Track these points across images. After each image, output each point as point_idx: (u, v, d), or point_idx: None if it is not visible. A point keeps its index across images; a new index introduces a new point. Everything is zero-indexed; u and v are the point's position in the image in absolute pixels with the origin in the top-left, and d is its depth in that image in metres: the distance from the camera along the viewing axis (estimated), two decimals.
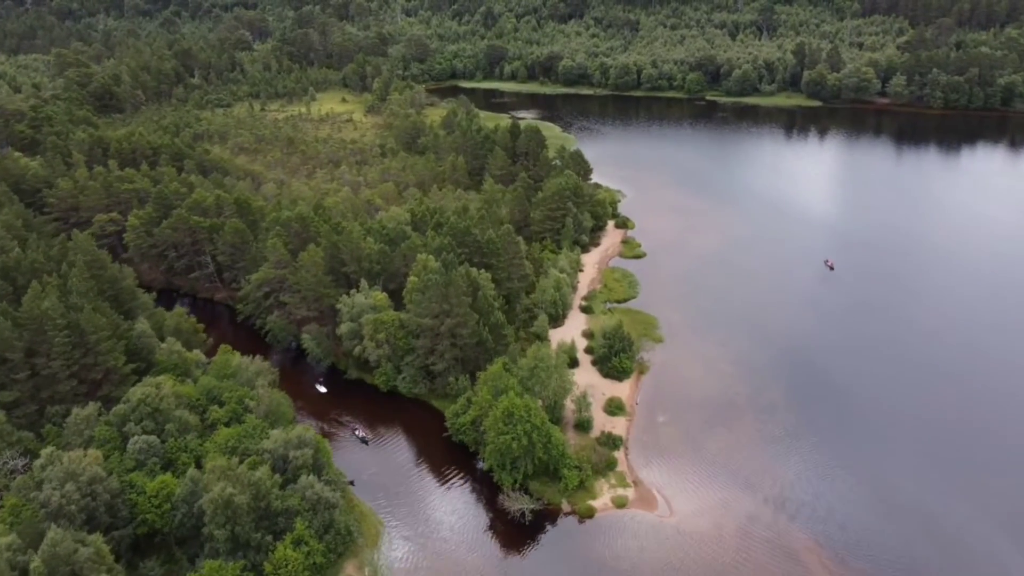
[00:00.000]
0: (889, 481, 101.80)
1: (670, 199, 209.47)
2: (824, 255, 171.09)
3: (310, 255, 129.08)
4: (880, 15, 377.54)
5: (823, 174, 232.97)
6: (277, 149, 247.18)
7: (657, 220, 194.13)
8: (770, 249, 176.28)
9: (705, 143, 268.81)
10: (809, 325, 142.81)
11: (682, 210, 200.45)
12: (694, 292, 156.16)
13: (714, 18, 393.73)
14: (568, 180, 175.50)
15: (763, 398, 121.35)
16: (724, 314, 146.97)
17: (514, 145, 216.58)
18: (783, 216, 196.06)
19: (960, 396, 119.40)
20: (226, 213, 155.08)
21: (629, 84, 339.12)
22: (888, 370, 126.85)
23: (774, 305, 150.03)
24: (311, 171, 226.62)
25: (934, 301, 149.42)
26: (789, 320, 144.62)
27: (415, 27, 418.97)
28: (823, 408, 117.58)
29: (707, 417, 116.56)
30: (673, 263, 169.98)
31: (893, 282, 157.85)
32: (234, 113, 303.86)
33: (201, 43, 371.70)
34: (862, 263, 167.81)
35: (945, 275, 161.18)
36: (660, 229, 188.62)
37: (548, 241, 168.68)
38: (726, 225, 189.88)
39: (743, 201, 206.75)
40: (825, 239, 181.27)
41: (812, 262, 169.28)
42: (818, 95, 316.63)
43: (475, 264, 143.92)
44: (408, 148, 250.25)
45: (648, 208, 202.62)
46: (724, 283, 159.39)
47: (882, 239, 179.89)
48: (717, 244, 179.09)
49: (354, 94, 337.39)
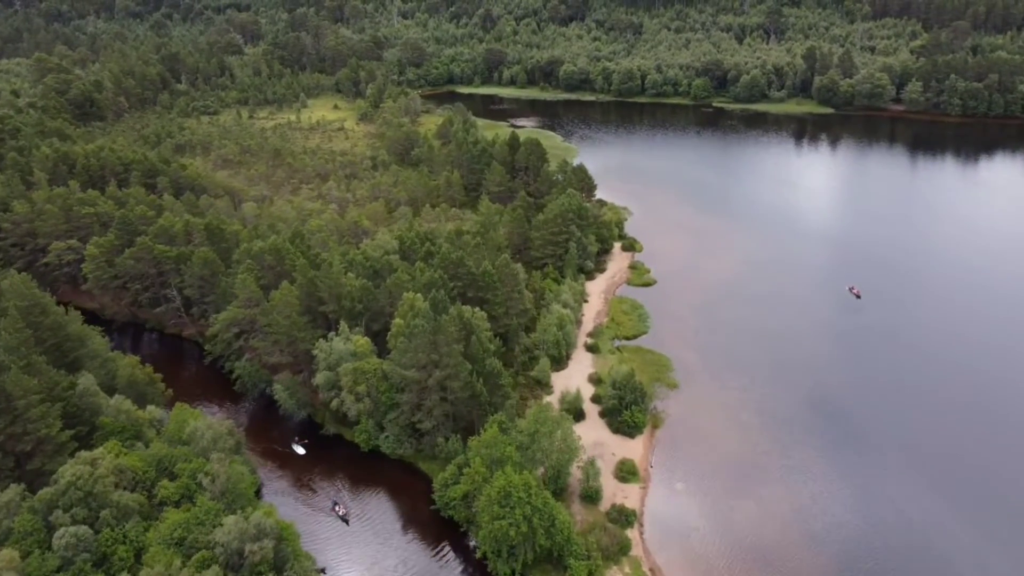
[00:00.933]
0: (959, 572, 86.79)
1: (679, 216, 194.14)
2: (846, 278, 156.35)
3: (283, 294, 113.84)
4: (892, 18, 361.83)
5: (839, 187, 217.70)
6: (262, 162, 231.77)
7: (667, 241, 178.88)
8: (789, 273, 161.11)
9: (714, 153, 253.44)
10: (839, 365, 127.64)
11: (693, 229, 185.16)
12: (709, 326, 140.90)
13: (720, 21, 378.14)
14: (571, 201, 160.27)
15: (793, 457, 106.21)
16: (743, 352, 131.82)
17: (513, 159, 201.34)
18: (800, 234, 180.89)
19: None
20: (196, 241, 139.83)
21: (633, 90, 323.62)
22: (933, 419, 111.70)
23: (797, 341, 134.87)
24: (297, 186, 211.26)
25: (971, 331, 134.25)
26: (816, 358, 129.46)
27: (411, 30, 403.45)
28: (861, 467, 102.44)
29: (731, 483, 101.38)
30: (685, 291, 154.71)
31: (925, 310, 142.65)
32: (221, 121, 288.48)
33: (189, 47, 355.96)
34: (887, 288, 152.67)
35: (978, 299, 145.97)
36: (670, 251, 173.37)
37: (550, 268, 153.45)
38: (740, 246, 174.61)
39: (756, 218, 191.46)
40: (846, 260, 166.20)
41: (835, 288, 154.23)
42: (830, 102, 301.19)
43: (469, 300, 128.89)
44: (401, 160, 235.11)
45: (656, 227, 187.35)
46: (741, 315, 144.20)
47: (906, 259, 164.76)
48: (732, 268, 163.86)
49: (347, 100, 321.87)
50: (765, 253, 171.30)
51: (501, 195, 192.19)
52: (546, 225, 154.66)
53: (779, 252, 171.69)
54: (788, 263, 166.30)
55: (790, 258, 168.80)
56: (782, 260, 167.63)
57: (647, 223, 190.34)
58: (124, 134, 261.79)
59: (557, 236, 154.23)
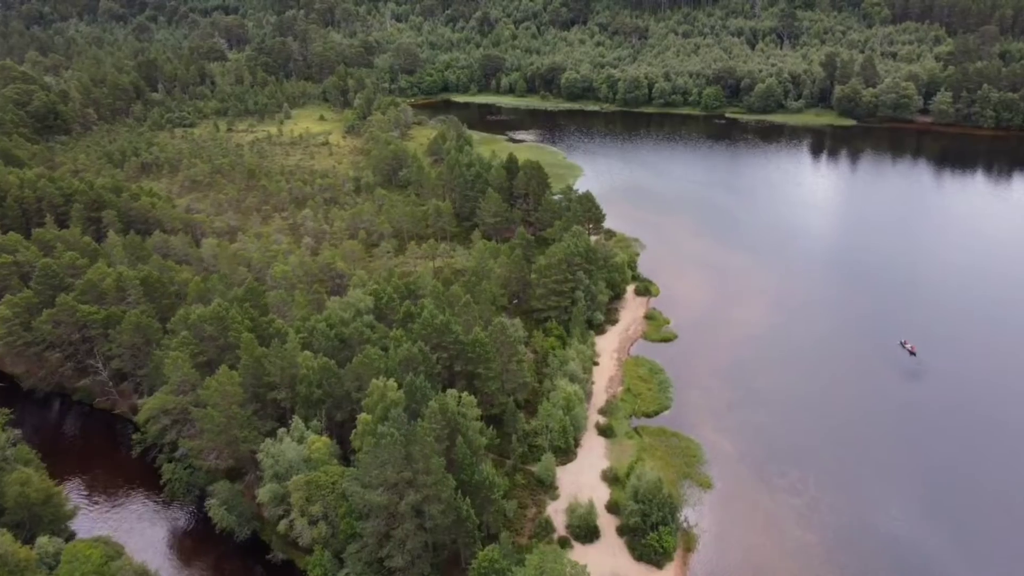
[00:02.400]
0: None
1: (697, 250, 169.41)
2: (894, 327, 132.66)
3: (220, 381, 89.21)
4: (913, 22, 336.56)
5: (871, 210, 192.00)
6: (235, 184, 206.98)
7: (685, 282, 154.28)
8: (827, 322, 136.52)
9: (729, 170, 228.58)
10: (907, 452, 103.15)
11: (713, 266, 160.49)
12: (743, 397, 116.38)
13: (730, 24, 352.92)
14: (577, 242, 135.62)
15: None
16: (788, 436, 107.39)
17: (511, 185, 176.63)
18: (833, 269, 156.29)
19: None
20: (131, 298, 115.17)
21: (639, 99, 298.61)
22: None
23: (850, 419, 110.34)
24: (269, 214, 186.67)
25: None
26: (878, 445, 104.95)
27: (405, 34, 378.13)
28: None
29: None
30: (711, 349, 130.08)
31: (992, 369, 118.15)
32: (196, 134, 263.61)
33: (168, 53, 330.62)
34: (943, 338, 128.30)
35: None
36: (689, 295, 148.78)
37: (553, 324, 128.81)
38: (767, 287, 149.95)
39: (782, 250, 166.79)
40: (889, 301, 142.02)
41: (884, 342, 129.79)
42: (851, 113, 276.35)
43: (456, 374, 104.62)
44: (388, 181, 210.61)
45: (672, 263, 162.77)
46: (778, 381, 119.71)
47: (958, 299, 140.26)
48: (761, 317, 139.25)
49: (334, 110, 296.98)
50: (797, 296, 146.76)
51: (497, 226, 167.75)
52: (549, 271, 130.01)
53: (812, 294, 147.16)
54: (824, 308, 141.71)
55: (825, 301, 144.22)
56: (817, 304, 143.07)
57: (662, 258, 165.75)
58: (88, 150, 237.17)
59: (562, 285, 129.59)
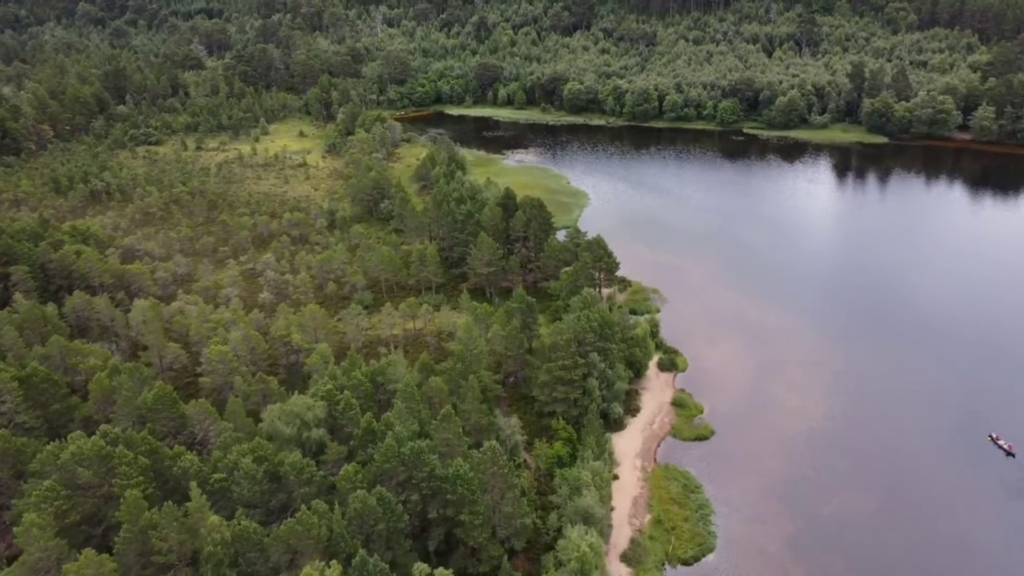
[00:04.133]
0: None
1: (728, 304, 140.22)
2: (980, 414, 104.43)
3: (81, 570, 60.19)
4: (942, 28, 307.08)
5: (930, 250, 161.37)
6: (191, 218, 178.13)
7: (717, 349, 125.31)
8: (900, 407, 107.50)
9: (752, 196, 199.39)
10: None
11: (749, 326, 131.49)
12: (808, 532, 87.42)
13: (743, 30, 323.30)
14: (590, 316, 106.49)
15: None
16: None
17: (507, 225, 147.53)
18: (893, 330, 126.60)
19: None
20: (5, 406, 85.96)
21: (649, 113, 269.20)
22: None
23: (952, 560, 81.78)
24: (227, 256, 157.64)
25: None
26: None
27: (397, 40, 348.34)
28: None
29: None
30: (759, 451, 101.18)
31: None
32: (161, 153, 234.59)
33: (138, 62, 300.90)
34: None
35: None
36: (724, 368, 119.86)
37: (560, 421, 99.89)
38: (820, 356, 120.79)
39: (830, 305, 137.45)
40: (969, 373, 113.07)
41: (972, 436, 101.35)
42: (882, 129, 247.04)
43: (432, 520, 76.06)
44: (368, 212, 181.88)
45: (700, 324, 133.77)
46: (854, 505, 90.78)
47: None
48: (818, 402, 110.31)
49: (316, 124, 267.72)
50: (854, 368, 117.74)
51: (492, 276, 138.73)
52: (555, 354, 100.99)
53: (872, 364, 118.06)
54: (890, 386, 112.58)
55: (890, 375, 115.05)
56: (880, 380, 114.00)
57: (686, 316, 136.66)
58: (34, 174, 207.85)
59: (571, 372, 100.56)
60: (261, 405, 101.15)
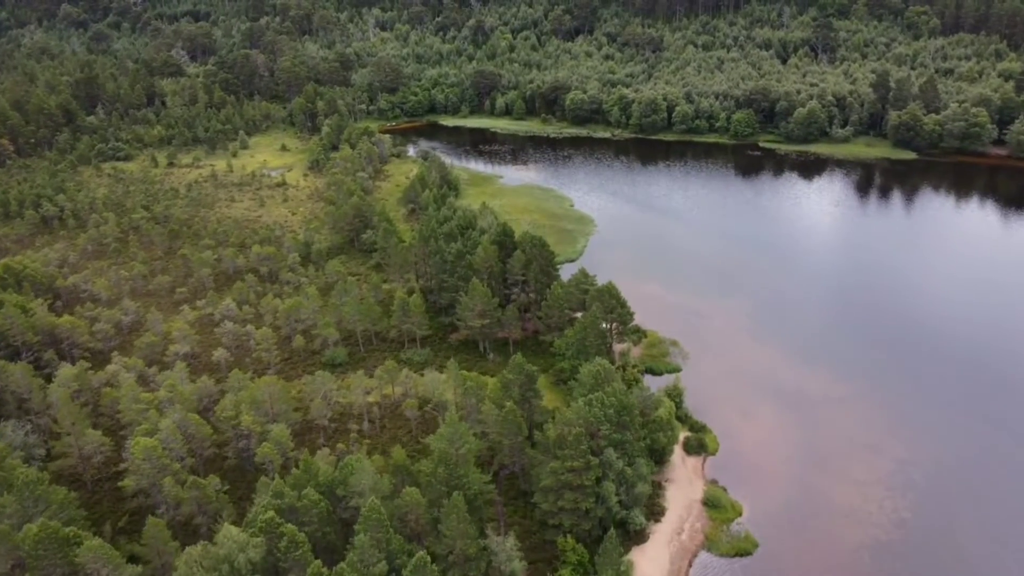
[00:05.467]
0: None
1: (761, 362, 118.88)
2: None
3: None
4: (966, 33, 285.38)
5: (1006, 296, 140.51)
6: (150, 250, 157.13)
7: (753, 424, 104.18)
8: (991, 514, 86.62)
9: (776, 222, 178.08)
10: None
11: (789, 394, 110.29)
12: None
13: (755, 35, 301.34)
14: (604, 402, 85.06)
15: None
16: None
17: (504, 267, 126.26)
18: (977, 408, 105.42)
19: None
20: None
21: (657, 125, 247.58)
22: None
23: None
24: (184, 299, 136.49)
25: None
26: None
27: (390, 45, 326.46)
28: None
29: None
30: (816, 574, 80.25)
31: None
32: (131, 170, 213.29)
33: (112, 69, 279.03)
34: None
35: None
36: (763, 453, 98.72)
37: (569, 540, 78.69)
38: (879, 442, 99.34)
39: (885, 367, 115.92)
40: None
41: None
42: (910, 143, 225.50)
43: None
44: (349, 243, 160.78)
45: (729, 388, 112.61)
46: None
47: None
48: (882, 507, 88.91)
49: (300, 136, 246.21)
50: (922, 457, 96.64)
51: (486, 330, 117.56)
52: (561, 451, 79.83)
53: (943, 448, 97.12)
54: (971, 478, 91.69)
55: (970, 464, 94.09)
56: (957, 470, 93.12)
57: (714, 379, 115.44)
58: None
59: (581, 476, 79.30)
60: (198, 512, 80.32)
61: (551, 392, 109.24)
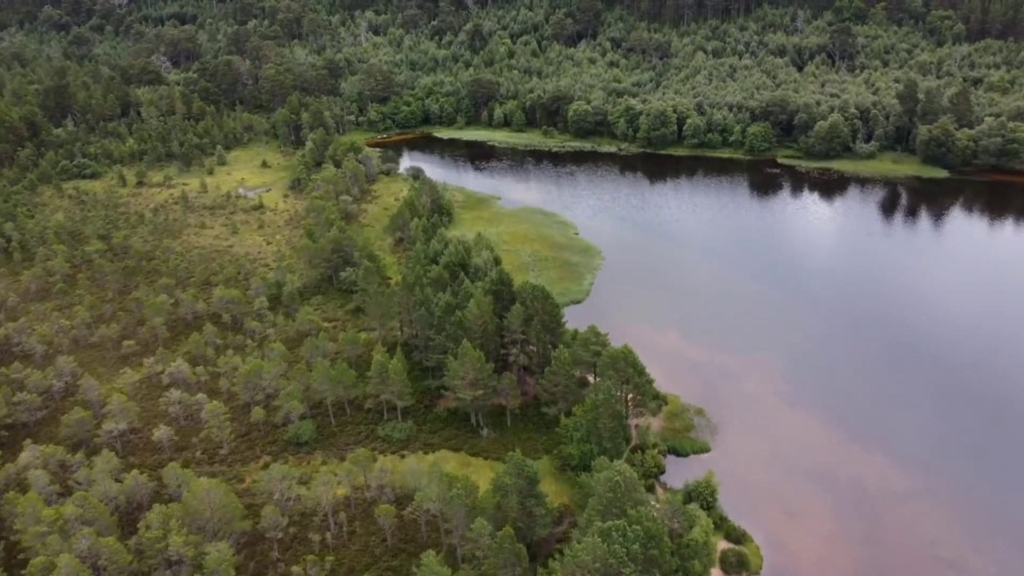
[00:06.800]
0: None
1: (806, 440, 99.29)
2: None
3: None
4: (993, 39, 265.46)
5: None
6: (102, 290, 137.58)
7: (801, 529, 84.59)
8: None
9: (804, 255, 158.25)
10: None
11: (843, 486, 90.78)
12: None
13: (768, 41, 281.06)
14: (629, 536, 65.39)
15: None
16: None
17: (501, 324, 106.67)
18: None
19: None
20: None
21: (667, 138, 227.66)
22: None
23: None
24: (130, 355, 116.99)
25: None
26: None
27: (382, 50, 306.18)
28: None
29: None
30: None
31: None
32: (98, 190, 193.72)
33: (85, 77, 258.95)
34: None
35: None
36: (819, 565, 79.39)
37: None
38: (963, 559, 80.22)
39: (953, 451, 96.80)
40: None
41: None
42: (940, 160, 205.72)
43: None
44: (327, 281, 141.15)
45: (769, 476, 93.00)
46: None
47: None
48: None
49: (283, 150, 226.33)
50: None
51: (478, 401, 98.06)
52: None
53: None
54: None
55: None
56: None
57: (748, 459, 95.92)
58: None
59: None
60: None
61: (555, 482, 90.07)
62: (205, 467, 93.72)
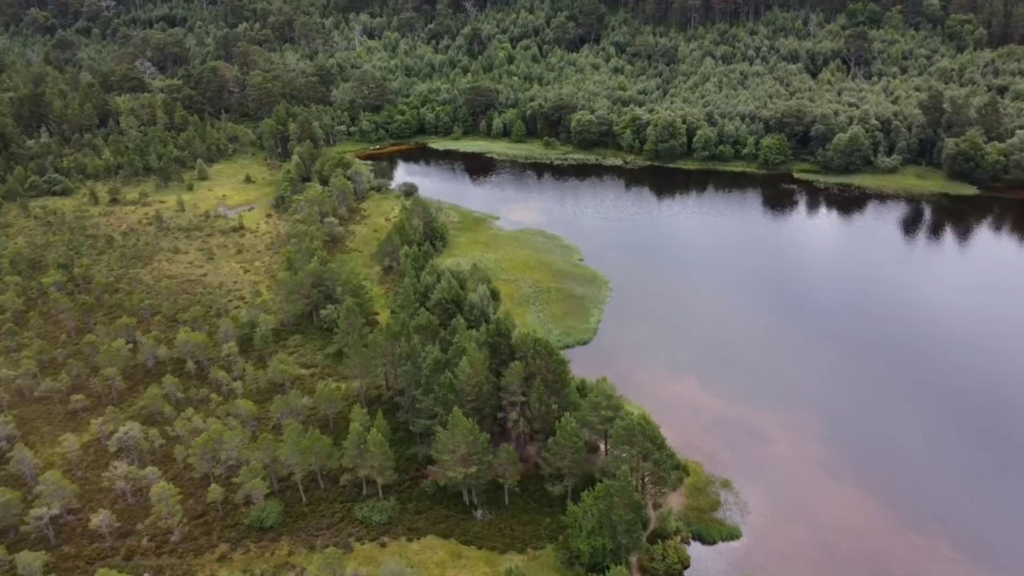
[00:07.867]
0: None
1: (854, 526, 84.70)
2: None
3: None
4: (1017, 44, 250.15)
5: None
6: (53, 332, 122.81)
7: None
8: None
9: (832, 286, 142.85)
10: None
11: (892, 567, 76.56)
12: None
13: (779, 46, 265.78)
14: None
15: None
16: None
17: (498, 381, 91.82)
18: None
19: None
20: None
21: (676, 151, 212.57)
22: None
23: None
24: (78, 412, 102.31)
25: None
26: None
27: (377, 55, 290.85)
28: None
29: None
30: None
31: None
32: (67, 209, 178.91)
33: (63, 85, 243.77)
34: None
35: None
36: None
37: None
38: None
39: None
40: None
41: None
42: (968, 175, 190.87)
43: None
44: (307, 318, 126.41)
45: (810, 570, 78.56)
46: None
47: None
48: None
49: (271, 164, 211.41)
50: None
51: (472, 478, 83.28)
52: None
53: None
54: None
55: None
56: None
57: (784, 546, 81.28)
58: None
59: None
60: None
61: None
62: (152, 558, 79.31)
